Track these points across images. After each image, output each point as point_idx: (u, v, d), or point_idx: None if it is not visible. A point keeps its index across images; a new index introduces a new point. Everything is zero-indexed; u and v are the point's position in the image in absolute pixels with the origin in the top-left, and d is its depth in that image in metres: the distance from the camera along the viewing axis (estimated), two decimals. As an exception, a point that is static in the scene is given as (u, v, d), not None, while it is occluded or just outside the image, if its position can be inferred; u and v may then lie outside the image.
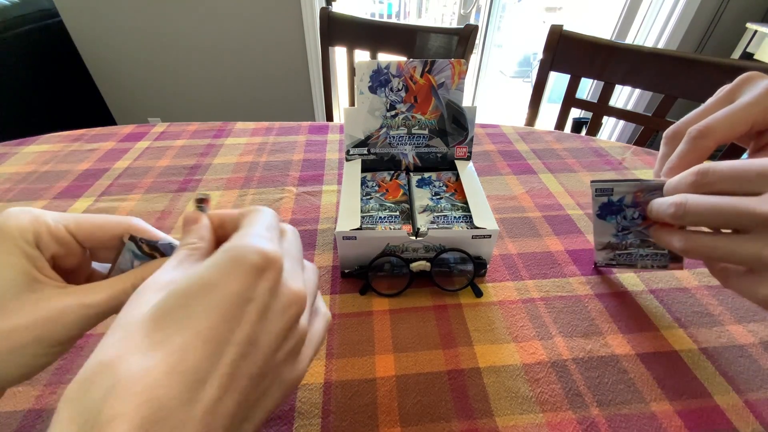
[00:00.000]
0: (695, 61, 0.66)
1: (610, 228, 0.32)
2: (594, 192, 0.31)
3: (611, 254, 0.34)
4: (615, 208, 0.30)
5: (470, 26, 0.81)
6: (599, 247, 0.34)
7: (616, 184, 0.29)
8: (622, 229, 0.32)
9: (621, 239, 0.33)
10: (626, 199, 0.30)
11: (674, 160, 0.26)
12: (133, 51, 1.60)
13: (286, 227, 0.18)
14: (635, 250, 0.33)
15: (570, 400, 0.27)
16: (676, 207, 0.23)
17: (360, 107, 0.40)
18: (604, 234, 0.33)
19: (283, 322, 0.15)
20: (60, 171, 0.53)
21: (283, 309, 0.15)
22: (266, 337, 0.14)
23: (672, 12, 1.47)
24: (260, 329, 0.14)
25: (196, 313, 0.13)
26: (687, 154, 0.25)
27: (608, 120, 1.82)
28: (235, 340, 0.13)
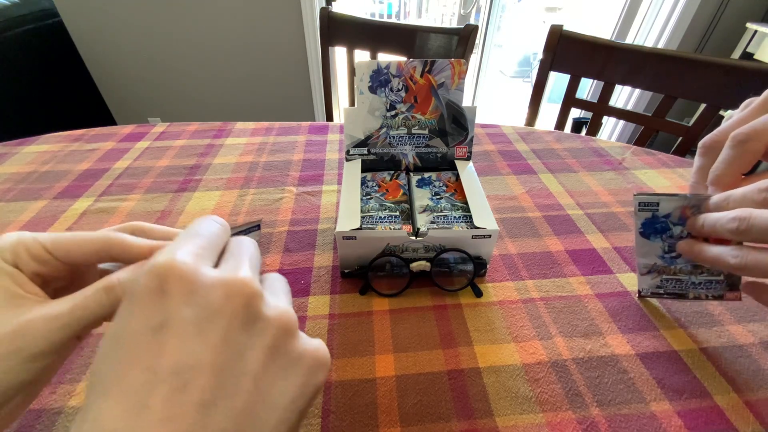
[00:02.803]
0: (695, 61, 0.66)
1: (655, 248, 0.29)
2: (637, 206, 0.27)
3: (657, 280, 0.31)
4: (660, 225, 0.28)
5: (470, 26, 0.81)
6: (643, 271, 0.31)
7: (661, 198, 0.27)
8: (669, 250, 0.29)
9: (669, 263, 0.30)
10: (673, 215, 0.27)
11: (720, 168, 0.24)
12: (133, 51, 1.60)
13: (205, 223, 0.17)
14: (686, 277, 0.30)
15: (570, 400, 0.27)
16: (740, 221, 0.21)
17: (360, 107, 0.40)
18: (648, 255, 0.30)
19: (223, 325, 0.12)
20: (60, 171, 0.53)
21: (217, 310, 0.13)
22: (205, 352, 0.12)
23: (672, 12, 1.47)
24: (189, 349, 0.12)
25: (110, 369, 0.12)
26: (734, 161, 0.24)
27: (608, 120, 1.82)
28: (161, 376, 0.11)
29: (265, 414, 0.12)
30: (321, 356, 0.15)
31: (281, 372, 0.13)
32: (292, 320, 0.14)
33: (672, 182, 0.51)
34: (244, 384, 0.12)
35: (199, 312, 0.12)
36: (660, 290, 0.32)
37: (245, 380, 0.12)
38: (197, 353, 0.12)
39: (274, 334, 0.13)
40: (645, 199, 0.27)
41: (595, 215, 0.45)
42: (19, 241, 0.16)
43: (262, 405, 0.12)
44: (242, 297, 0.13)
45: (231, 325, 0.13)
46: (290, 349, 0.14)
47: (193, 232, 0.16)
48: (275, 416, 0.13)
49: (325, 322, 0.33)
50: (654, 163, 0.55)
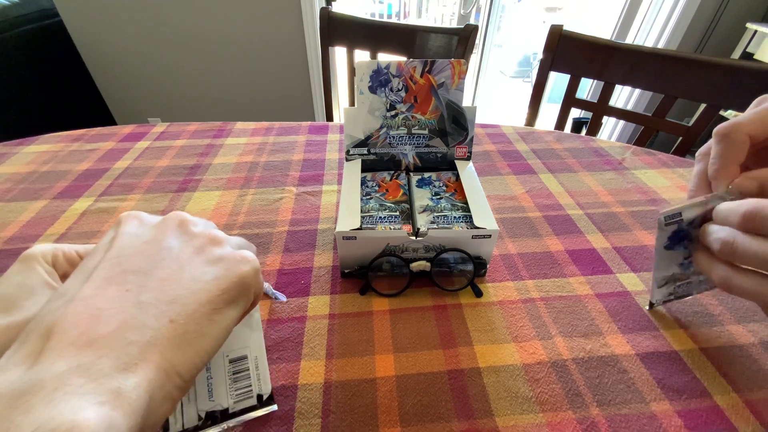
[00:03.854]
0: (695, 61, 0.66)
1: (677, 258, 0.29)
2: (663, 221, 0.26)
3: (671, 288, 0.31)
4: (684, 233, 0.27)
5: (470, 26, 0.81)
6: (660, 284, 0.31)
7: (684, 208, 0.26)
8: (689, 256, 0.28)
9: (686, 268, 0.29)
10: (696, 222, 0.26)
11: (715, 163, 0.25)
12: (133, 51, 1.60)
13: None
14: (695, 278, 0.30)
15: (570, 400, 0.27)
16: (722, 245, 0.22)
17: (360, 107, 0.40)
18: (669, 267, 0.29)
19: (156, 232, 0.18)
20: (60, 171, 0.53)
21: (154, 225, 0.18)
22: (140, 245, 0.17)
23: (672, 12, 1.47)
24: (128, 243, 0.17)
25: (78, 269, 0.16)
26: (723, 154, 0.24)
27: (608, 120, 1.82)
28: (105, 259, 0.16)
29: (187, 282, 0.16)
30: (244, 255, 0.18)
31: (206, 262, 0.17)
32: (218, 237, 0.19)
33: (672, 182, 0.51)
34: (170, 263, 0.16)
35: (140, 227, 0.18)
36: (671, 297, 0.32)
37: (172, 262, 0.16)
38: (133, 246, 0.17)
39: (202, 241, 0.18)
40: (668, 213, 0.26)
41: (595, 215, 0.45)
42: (57, 247, 0.21)
43: (185, 276, 0.16)
44: (175, 219, 0.18)
45: (164, 232, 0.18)
46: (215, 251, 0.18)
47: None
48: (196, 285, 0.16)
49: (325, 322, 0.33)
50: (654, 163, 0.55)
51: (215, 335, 0.16)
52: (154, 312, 0.15)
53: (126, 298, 0.14)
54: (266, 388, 0.23)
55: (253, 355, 0.23)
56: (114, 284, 0.15)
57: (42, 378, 0.12)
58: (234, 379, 0.22)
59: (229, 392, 0.22)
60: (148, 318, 0.14)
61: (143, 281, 0.15)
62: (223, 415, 0.21)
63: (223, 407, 0.21)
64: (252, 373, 0.22)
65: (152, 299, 0.15)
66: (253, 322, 0.23)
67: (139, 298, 0.15)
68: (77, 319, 0.13)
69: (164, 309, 0.15)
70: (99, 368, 0.12)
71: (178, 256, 0.17)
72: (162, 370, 0.14)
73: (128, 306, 0.14)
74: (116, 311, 0.14)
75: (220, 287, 0.16)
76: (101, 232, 0.43)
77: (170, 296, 0.15)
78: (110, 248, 0.16)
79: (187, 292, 0.16)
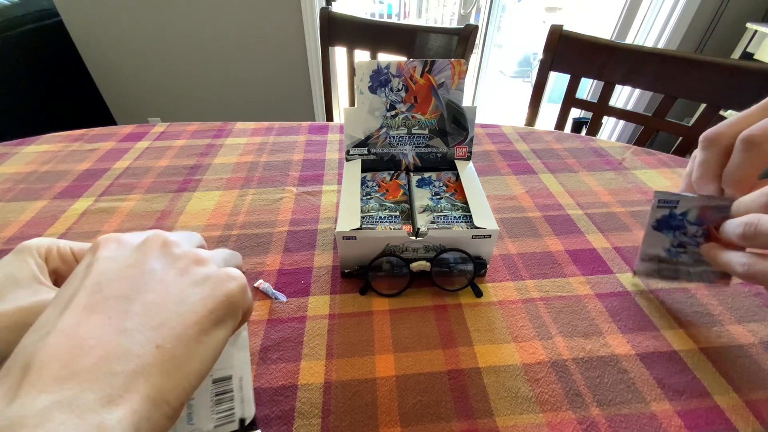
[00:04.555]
0: (695, 61, 0.66)
1: (664, 241, 0.30)
2: (656, 202, 0.28)
3: (655, 266, 0.32)
4: (676, 222, 0.28)
5: (470, 26, 0.81)
6: (645, 258, 0.32)
7: (682, 197, 0.27)
8: (678, 245, 0.29)
9: (673, 255, 0.30)
10: (690, 215, 0.27)
11: (735, 173, 0.24)
12: (133, 51, 1.60)
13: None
14: (684, 267, 0.31)
15: (570, 400, 0.27)
16: (745, 226, 0.21)
17: (360, 107, 0.40)
18: (655, 246, 0.30)
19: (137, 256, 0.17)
20: (60, 171, 0.53)
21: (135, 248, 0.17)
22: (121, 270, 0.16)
23: (672, 12, 1.47)
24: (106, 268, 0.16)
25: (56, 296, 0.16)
26: (747, 164, 0.24)
27: (608, 120, 1.82)
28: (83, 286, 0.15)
29: (173, 305, 0.15)
30: (231, 273, 0.18)
31: (191, 283, 0.16)
32: (202, 257, 0.18)
33: (672, 182, 0.51)
34: (154, 287, 0.16)
35: (119, 250, 0.17)
36: (655, 274, 0.33)
37: (156, 285, 0.16)
38: (113, 270, 0.16)
39: (186, 263, 0.17)
40: (665, 197, 0.27)
41: (595, 215, 0.45)
42: (53, 242, 0.20)
43: (170, 300, 0.15)
44: (157, 241, 0.17)
45: (146, 255, 0.17)
46: (200, 271, 0.17)
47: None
48: (182, 308, 0.15)
49: (325, 322, 0.33)
50: (654, 163, 0.55)
51: (204, 357, 0.15)
52: (139, 338, 0.14)
53: (109, 326, 0.14)
54: (249, 412, 0.21)
55: (238, 375, 0.21)
56: (96, 312, 0.14)
57: (23, 415, 0.11)
58: (216, 401, 0.20)
59: (210, 415, 0.20)
60: (133, 345, 0.14)
61: (126, 307, 0.15)
62: None
63: (204, 431, 0.20)
64: (236, 395, 0.21)
65: (137, 325, 0.14)
66: (239, 341, 0.21)
67: (123, 325, 0.14)
68: (58, 350, 0.13)
69: (150, 335, 0.14)
70: (82, 402, 0.12)
71: (162, 279, 0.16)
72: (149, 399, 0.13)
73: (112, 334, 0.14)
74: (99, 340, 0.13)
75: (207, 307, 0.16)
76: (101, 232, 0.43)
77: (156, 321, 0.15)
78: (87, 275, 0.15)
79: (173, 315, 0.15)
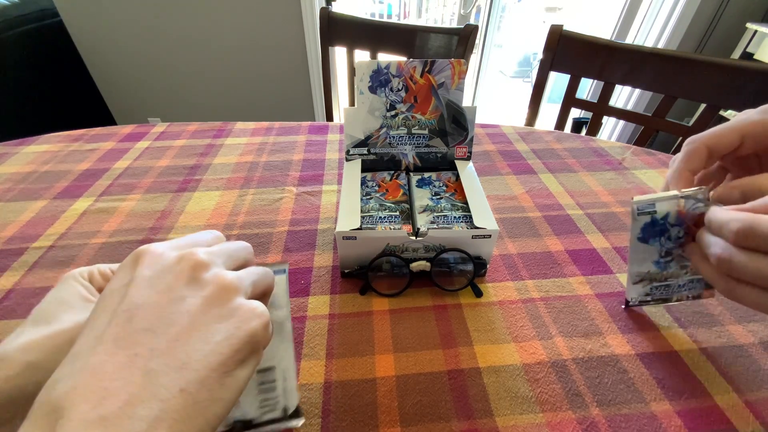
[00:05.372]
0: (695, 61, 0.66)
1: (652, 253, 0.28)
2: (635, 211, 0.27)
3: (647, 288, 0.31)
4: (659, 228, 0.27)
5: (470, 26, 0.81)
6: (635, 280, 0.31)
7: (657, 199, 0.26)
8: (665, 254, 0.28)
9: (663, 267, 0.29)
10: (670, 217, 0.26)
11: (673, 167, 0.27)
12: (133, 51, 1.60)
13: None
14: (674, 281, 0.30)
15: (570, 400, 0.27)
16: (719, 262, 0.22)
17: (360, 107, 0.40)
18: (643, 262, 0.29)
19: (170, 279, 0.17)
20: (60, 171, 0.53)
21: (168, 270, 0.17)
22: (152, 296, 0.16)
23: (672, 12, 1.47)
24: (140, 294, 0.16)
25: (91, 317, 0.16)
26: (681, 159, 0.26)
27: (608, 120, 1.82)
28: (117, 313, 0.15)
29: (197, 344, 0.15)
30: (255, 309, 0.17)
31: (216, 317, 0.16)
32: (232, 284, 0.17)
33: (672, 182, 0.51)
34: (180, 319, 0.16)
35: (155, 272, 0.17)
36: (648, 298, 0.32)
37: (182, 317, 0.16)
38: (145, 297, 0.16)
39: (213, 291, 0.17)
40: (642, 203, 0.26)
41: (595, 215, 0.45)
42: (93, 267, 0.22)
43: (195, 335, 0.15)
44: (189, 263, 0.17)
45: (176, 280, 0.17)
46: (226, 303, 0.17)
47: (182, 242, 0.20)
48: (207, 347, 0.15)
49: (325, 322, 0.33)
50: (654, 163, 0.55)
51: (227, 399, 0.16)
52: (163, 381, 0.14)
53: (135, 366, 0.14)
54: (292, 402, 0.22)
55: (281, 367, 0.22)
56: (123, 348, 0.14)
57: None
58: (260, 389, 0.22)
59: (255, 403, 0.21)
60: (158, 389, 0.14)
61: (153, 343, 0.15)
62: (247, 425, 0.21)
63: (247, 418, 0.21)
64: (279, 385, 0.22)
65: (161, 366, 0.14)
66: (284, 333, 0.22)
67: (148, 365, 0.14)
68: (87, 392, 0.13)
69: (174, 377, 0.14)
70: None
71: (188, 310, 0.16)
72: None
73: (137, 376, 0.14)
74: (124, 382, 0.14)
75: (232, 348, 0.16)
76: (101, 232, 0.43)
77: (180, 361, 0.15)
78: (124, 298, 0.16)
79: (197, 356, 0.15)
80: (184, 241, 0.19)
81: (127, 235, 0.42)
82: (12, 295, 0.35)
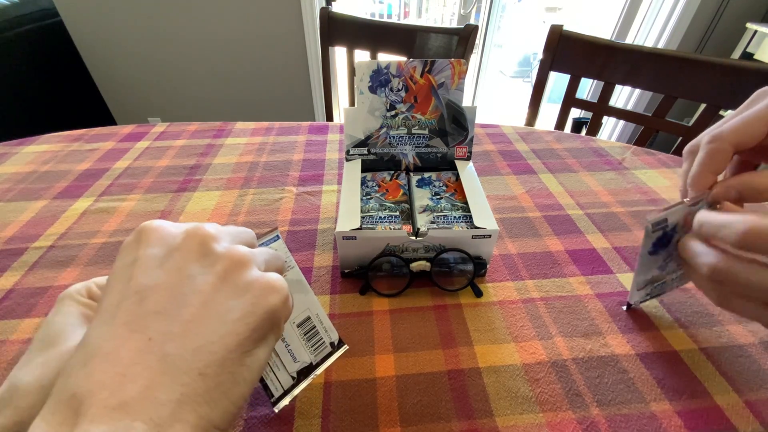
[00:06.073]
0: (695, 61, 0.66)
1: (658, 260, 0.28)
2: (651, 229, 0.26)
3: (648, 289, 0.31)
4: (668, 238, 0.27)
5: (470, 26, 0.81)
6: (640, 287, 0.31)
7: (668, 213, 0.26)
8: (667, 257, 0.28)
9: (663, 269, 0.29)
10: (678, 225, 0.26)
11: (696, 169, 0.25)
12: (133, 51, 1.60)
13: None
14: (669, 276, 0.30)
15: (570, 400, 0.27)
16: (713, 272, 0.21)
17: (360, 107, 0.40)
18: (649, 270, 0.29)
19: (178, 257, 0.16)
20: (60, 171, 0.53)
21: (175, 247, 0.16)
22: (162, 276, 0.15)
23: (672, 12, 1.47)
24: (149, 274, 0.15)
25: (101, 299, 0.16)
26: (706, 160, 0.25)
27: (608, 120, 1.82)
28: (127, 295, 0.15)
29: (213, 324, 0.15)
30: (273, 282, 0.16)
31: (231, 294, 0.15)
32: (244, 257, 0.17)
33: (672, 182, 0.51)
34: (193, 299, 0.15)
35: (161, 249, 0.16)
36: (647, 297, 0.33)
37: (195, 297, 0.15)
38: (155, 277, 0.15)
39: (225, 265, 0.16)
40: (656, 219, 0.26)
41: (595, 215, 0.45)
42: (90, 283, 0.21)
43: (209, 316, 0.15)
44: (197, 237, 0.16)
45: (186, 258, 0.16)
46: (240, 277, 0.16)
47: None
48: (223, 328, 0.15)
49: (325, 322, 0.33)
50: (654, 163, 0.55)
51: (249, 379, 0.15)
52: (181, 365, 0.14)
53: (150, 350, 0.14)
54: (334, 336, 0.26)
55: (314, 312, 0.25)
56: (136, 331, 0.14)
57: None
58: (307, 338, 0.25)
59: (307, 350, 0.25)
60: (176, 373, 0.13)
61: (167, 326, 0.14)
62: (308, 368, 0.25)
63: (307, 363, 0.25)
64: (318, 327, 0.25)
65: (177, 349, 0.14)
66: (301, 287, 0.25)
67: (163, 349, 0.14)
68: (104, 378, 0.13)
69: (191, 360, 0.14)
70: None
71: (201, 289, 0.15)
72: (198, 428, 0.13)
73: (153, 361, 0.13)
74: (142, 367, 0.13)
75: (249, 327, 0.15)
76: (101, 232, 0.43)
77: (196, 343, 0.14)
78: (131, 278, 0.15)
79: (214, 337, 0.14)
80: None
81: (127, 235, 0.42)
82: (12, 295, 0.35)
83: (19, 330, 0.32)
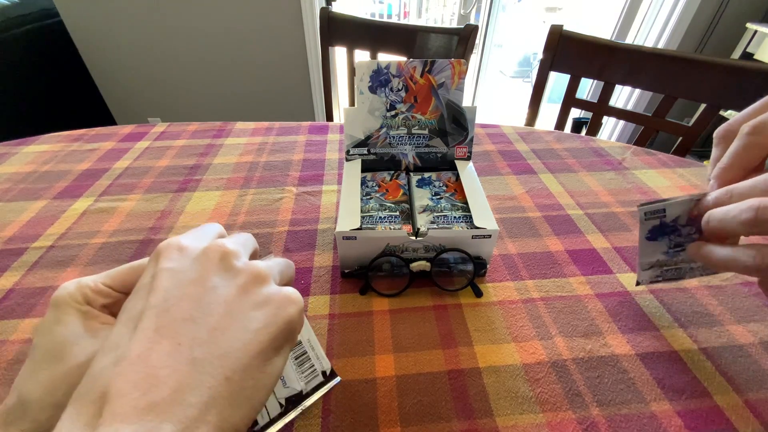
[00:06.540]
0: (695, 61, 0.66)
1: (661, 247, 0.29)
2: (643, 216, 0.27)
3: (658, 271, 0.31)
4: (669, 229, 0.27)
5: (470, 26, 0.81)
6: (645, 267, 0.31)
7: (667, 205, 0.26)
8: (675, 246, 0.28)
9: (672, 256, 0.29)
10: (681, 219, 0.26)
11: (727, 161, 0.23)
12: (133, 51, 1.60)
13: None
14: (685, 265, 0.30)
15: (570, 400, 0.27)
16: (757, 211, 0.19)
17: (360, 107, 0.40)
18: (653, 254, 0.30)
19: (199, 270, 0.16)
20: (60, 171, 0.53)
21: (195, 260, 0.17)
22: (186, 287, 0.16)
23: (672, 12, 1.47)
24: (173, 286, 0.16)
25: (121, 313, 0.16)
26: (741, 153, 0.22)
27: (608, 120, 1.82)
28: (150, 305, 0.15)
29: (237, 332, 0.15)
30: (290, 295, 0.17)
31: (252, 305, 0.16)
32: (262, 272, 0.17)
33: (672, 182, 0.51)
34: (217, 308, 0.15)
35: (183, 263, 0.17)
36: (659, 278, 0.32)
37: (219, 306, 0.16)
38: (180, 287, 0.16)
39: (246, 279, 0.17)
40: (650, 209, 0.26)
41: (595, 215, 0.45)
42: (82, 284, 0.20)
43: (233, 325, 0.15)
44: (217, 253, 0.17)
45: (208, 270, 0.16)
46: (260, 291, 0.17)
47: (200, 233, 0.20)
48: (246, 336, 0.15)
49: (325, 322, 0.33)
50: (654, 163, 0.55)
51: (268, 386, 0.16)
52: (209, 369, 0.14)
53: (180, 354, 0.14)
54: (326, 365, 0.25)
55: (306, 338, 0.25)
56: (166, 337, 0.14)
57: None
58: (298, 363, 0.24)
59: (298, 376, 0.24)
60: (204, 377, 0.14)
61: (194, 332, 0.15)
62: (298, 397, 0.24)
63: (297, 390, 0.24)
64: (311, 354, 0.25)
65: (205, 354, 0.14)
66: None
67: (192, 354, 0.14)
68: (135, 379, 0.13)
69: (217, 365, 0.14)
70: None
71: (225, 300, 0.16)
72: (221, 430, 0.14)
73: (183, 364, 0.14)
74: (172, 370, 0.14)
75: (269, 335, 0.16)
76: (101, 232, 0.43)
77: (222, 349, 0.15)
78: (153, 290, 0.15)
79: (238, 344, 0.15)
80: (195, 232, 0.19)
81: (127, 235, 0.42)
82: (12, 295, 0.35)
83: (19, 330, 0.32)
